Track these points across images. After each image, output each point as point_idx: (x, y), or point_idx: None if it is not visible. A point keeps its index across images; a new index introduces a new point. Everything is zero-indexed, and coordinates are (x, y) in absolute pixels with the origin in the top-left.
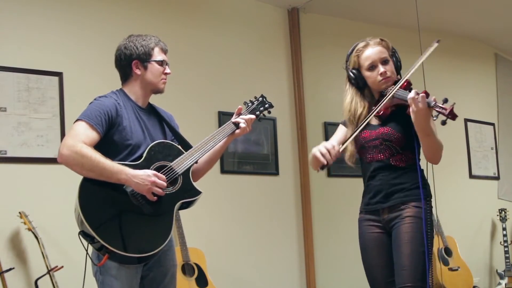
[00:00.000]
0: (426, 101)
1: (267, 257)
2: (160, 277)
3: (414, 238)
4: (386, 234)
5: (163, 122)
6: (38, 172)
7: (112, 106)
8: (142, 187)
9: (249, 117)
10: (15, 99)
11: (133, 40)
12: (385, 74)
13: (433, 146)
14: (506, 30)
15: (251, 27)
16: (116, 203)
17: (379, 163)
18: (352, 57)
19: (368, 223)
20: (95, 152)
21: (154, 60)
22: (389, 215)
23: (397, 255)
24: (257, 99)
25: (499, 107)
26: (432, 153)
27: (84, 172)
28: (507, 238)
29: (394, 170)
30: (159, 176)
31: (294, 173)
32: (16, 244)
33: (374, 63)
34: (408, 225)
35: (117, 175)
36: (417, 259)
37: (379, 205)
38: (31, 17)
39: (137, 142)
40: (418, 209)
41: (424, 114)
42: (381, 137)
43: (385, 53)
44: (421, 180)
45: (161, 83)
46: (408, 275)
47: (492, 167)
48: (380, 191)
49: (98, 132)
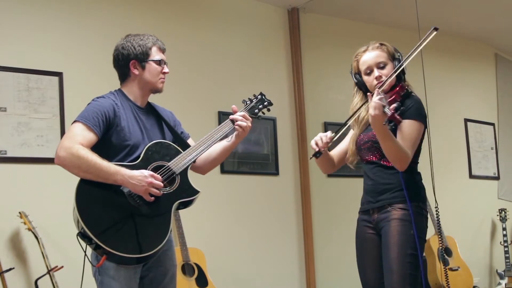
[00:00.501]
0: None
1: (267, 257)
2: (160, 277)
3: (400, 241)
4: (378, 236)
5: (162, 121)
6: (38, 172)
7: (109, 106)
8: (138, 188)
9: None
10: (15, 99)
11: (130, 40)
12: (380, 78)
13: (393, 152)
14: (506, 30)
15: (251, 27)
16: (113, 204)
17: (372, 164)
18: (353, 62)
19: (363, 223)
20: (91, 154)
21: (152, 60)
22: (378, 215)
23: (385, 258)
24: (256, 97)
25: (499, 107)
26: (391, 159)
27: (81, 173)
28: (507, 238)
29: (385, 171)
30: (155, 177)
31: (294, 173)
32: (16, 244)
33: (370, 68)
34: (394, 228)
35: (114, 176)
36: (404, 263)
37: (370, 204)
38: (31, 17)
39: (135, 143)
40: (405, 211)
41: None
42: (370, 139)
43: (382, 57)
44: (404, 182)
45: (159, 83)
46: (396, 279)
47: (492, 167)
48: (371, 191)
49: (95, 133)
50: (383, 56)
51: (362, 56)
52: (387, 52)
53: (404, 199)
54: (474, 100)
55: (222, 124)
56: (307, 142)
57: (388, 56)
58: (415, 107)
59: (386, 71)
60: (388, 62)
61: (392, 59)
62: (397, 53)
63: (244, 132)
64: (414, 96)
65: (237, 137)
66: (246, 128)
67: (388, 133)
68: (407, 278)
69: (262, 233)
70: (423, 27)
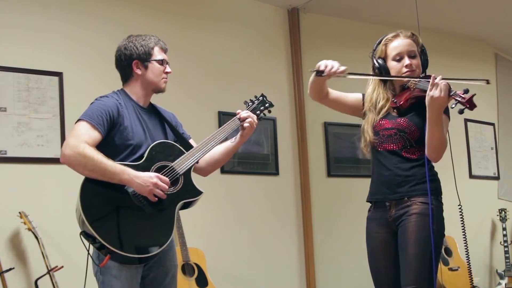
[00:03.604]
0: (448, 89)
1: (267, 257)
2: (161, 277)
3: (421, 237)
4: (392, 235)
5: (164, 122)
6: (38, 172)
7: (113, 106)
8: (144, 188)
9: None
10: (15, 99)
11: (132, 40)
12: (411, 66)
13: (438, 138)
14: (506, 30)
15: (251, 27)
16: (117, 204)
17: (390, 153)
18: (380, 45)
19: (375, 222)
20: (97, 153)
21: (154, 60)
22: (396, 212)
23: (403, 254)
24: (257, 98)
25: (499, 107)
26: (434, 146)
27: (87, 172)
28: (507, 238)
29: (405, 162)
30: (161, 179)
31: (294, 173)
32: (16, 244)
33: (401, 54)
34: (414, 223)
35: (119, 176)
36: (424, 260)
37: (385, 196)
38: (31, 17)
39: (138, 142)
40: (425, 205)
41: (442, 102)
42: (396, 127)
43: (413, 46)
44: (428, 175)
45: (162, 82)
46: (415, 276)
47: (492, 167)
48: (388, 181)
49: (100, 132)
50: (414, 46)
51: (393, 41)
52: (417, 43)
53: (425, 192)
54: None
55: (228, 123)
56: (307, 142)
57: (417, 47)
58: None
59: (416, 61)
60: (417, 53)
61: (420, 51)
62: (423, 46)
63: (251, 129)
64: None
65: (242, 137)
66: (253, 125)
67: (442, 119)
68: (427, 275)
69: (262, 233)
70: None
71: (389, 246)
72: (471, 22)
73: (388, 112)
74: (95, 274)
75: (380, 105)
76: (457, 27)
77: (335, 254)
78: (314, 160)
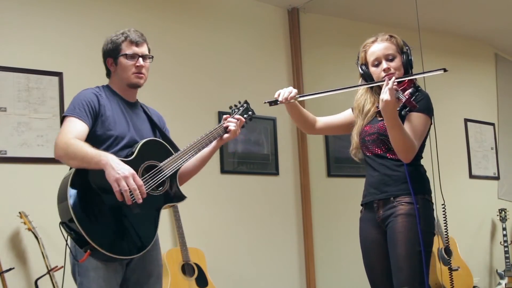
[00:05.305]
0: (393, 91)
1: (267, 257)
2: (144, 279)
3: (409, 237)
4: (383, 235)
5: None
6: (38, 172)
7: (92, 96)
8: (113, 173)
9: (239, 117)
10: (15, 99)
11: (107, 37)
12: (388, 70)
13: (399, 140)
14: (506, 30)
15: (251, 27)
16: (103, 202)
17: (378, 156)
18: (361, 52)
19: (366, 223)
20: (80, 141)
21: (121, 55)
22: (384, 212)
23: (393, 256)
24: (241, 104)
25: (499, 107)
26: (398, 148)
27: (71, 161)
28: (507, 238)
29: (391, 163)
30: (136, 179)
31: (294, 173)
32: (16, 244)
33: (379, 59)
34: (401, 225)
35: (97, 158)
36: (413, 260)
37: (373, 196)
38: (31, 17)
39: (120, 133)
40: (411, 205)
41: (390, 105)
42: (377, 131)
43: (391, 49)
44: (408, 176)
45: (133, 77)
46: (405, 277)
47: (492, 167)
48: (375, 182)
49: (86, 123)
50: (392, 48)
51: (370, 47)
52: (396, 44)
53: (410, 192)
54: (474, 100)
55: (215, 128)
56: (307, 142)
57: (397, 48)
58: (424, 100)
59: (394, 64)
60: (396, 54)
61: (400, 52)
62: (406, 46)
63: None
64: (421, 90)
65: (220, 141)
66: (236, 134)
67: (398, 121)
68: (417, 276)
69: (262, 233)
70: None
71: (381, 246)
72: (471, 22)
73: (374, 117)
74: (73, 274)
75: (366, 109)
76: (457, 27)
77: (335, 254)
78: (314, 160)
